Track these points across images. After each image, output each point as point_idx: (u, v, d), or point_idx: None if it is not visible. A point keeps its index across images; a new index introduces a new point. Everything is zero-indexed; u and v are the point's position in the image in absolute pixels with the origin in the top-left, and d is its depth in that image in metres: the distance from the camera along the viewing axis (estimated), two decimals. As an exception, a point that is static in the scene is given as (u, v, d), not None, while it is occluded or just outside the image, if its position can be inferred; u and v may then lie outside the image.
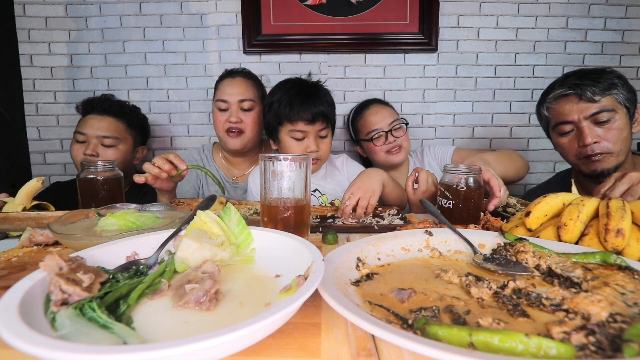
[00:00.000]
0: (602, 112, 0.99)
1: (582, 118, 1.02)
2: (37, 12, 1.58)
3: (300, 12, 1.56)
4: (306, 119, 1.12)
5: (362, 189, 0.87)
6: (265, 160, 0.61)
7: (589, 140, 1.01)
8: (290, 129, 1.14)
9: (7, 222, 0.73)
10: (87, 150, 1.29)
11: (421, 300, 0.39)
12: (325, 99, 1.16)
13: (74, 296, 0.34)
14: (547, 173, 1.71)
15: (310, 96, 1.13)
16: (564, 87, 1.04)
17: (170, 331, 0.32)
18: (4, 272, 0.52)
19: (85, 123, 1.33)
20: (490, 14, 1.59)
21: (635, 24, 1.60)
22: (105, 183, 0.90)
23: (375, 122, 1.38)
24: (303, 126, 1.13)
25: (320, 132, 1.16)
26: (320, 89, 1.18)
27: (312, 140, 1.15)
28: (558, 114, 1.07)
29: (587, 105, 1.00)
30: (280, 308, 0.29)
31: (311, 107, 1.12)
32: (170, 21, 1.60)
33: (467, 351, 0.25)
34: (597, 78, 1.00)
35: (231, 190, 1.43)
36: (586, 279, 0.42)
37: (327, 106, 1.15)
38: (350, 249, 0.50)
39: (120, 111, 1.38)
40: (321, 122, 1.14)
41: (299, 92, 1.14)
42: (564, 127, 1.06)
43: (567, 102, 1.04)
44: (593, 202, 0.59)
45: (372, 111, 1.41)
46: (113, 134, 1.34)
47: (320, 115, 1.13)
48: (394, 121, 1.37)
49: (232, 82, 1.32)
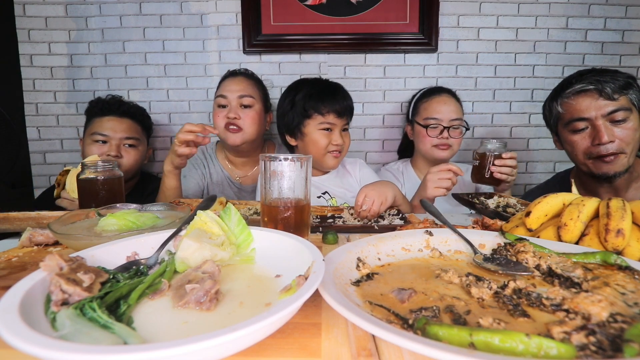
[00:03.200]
0: (619, 111, 0.99)
1: (600, 115, 1.00)
2: (37, 12, 1.58)
3: (300, 12, 1.56)
4: (337, 111, 1.17)
5: (377, 192, 0.87)
6: (265, 160, 0.61)
7: (606, 139, 0.99)
8: (321, 121, 1.18)
9: (7, 222, 0.73)
10: (111, 152, 1.32)
11: (421, 300, 0.39)
12: (347, 94, 1.23)
13: (74, 296, 0.34)
14: (547, 173, 1.70)
15: (338, 91, 1.21)
16: (583, 83, 1.02)
17: (171, 331, 0.32)
18: (4, 272, 0.52)
19: (105, 124, 1.34)
20: (490, 14, 1.59)
21: (635, 24, 1.60)
22: (105, 183, 0.90)
23: (438, 111, 1.35)
24: (333, 118, 1.18)
25: (345, 126, 1.22)
26: (342, 87, 1.25)
27: (337, 134, 1.20)
28: (574, 110, 1.05)
29: (606, 102, 0.99)
30: (280, 308, 0.29)
31: (341, 101, 1.18)
32: (170, 21, 1.60)
33: (467, 351, 0.25)
34: (614, 76, 1.00)
35: (236, 191, 1.43)
36: (586, 279, 0.42)
37: (350, 100, 1.23)
38: (351, 249, 0.50)
39: (136, 113, 1.43)
40: (347, 117, 1.21)
41: (326, 87, 1.21)
42: (578, 124, 1.04)
43: (586, 97, 1.02)
44: (593, 202, 0.59)
45: (441, 100, 1.38)
46: (134, 135, 1.38)
47: (348, 109, 1.20)
48: (456, 119, 1.34)
49: (233, 79, 1.33)
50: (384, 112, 1.67)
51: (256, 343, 0.31)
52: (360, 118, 1.66)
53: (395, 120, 1.67)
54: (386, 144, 1.70)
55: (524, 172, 1.71)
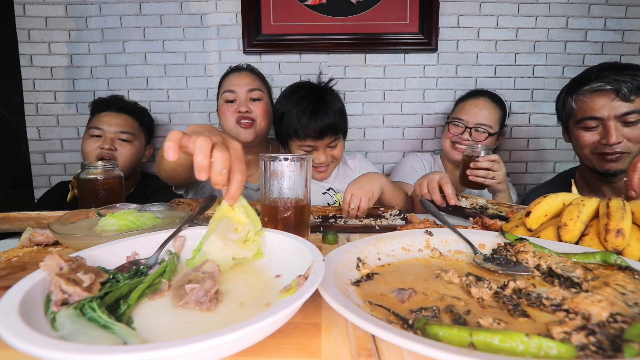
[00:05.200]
0: (633, 113, 0.98)
1: (612, 116, 1.00)
2: (37, 12, 1.58)
3: (300, 12, 1.56)
4: (314, 135, 1.12)
5: (363, 190, 0.88)
6: (265, 160, 0.61)
7: (614, 140, 0.99)
8: (299, 144, 1.16)
9: (7, 222, 0.73)
10: (104, 145, 1.31)
11: (421, 300, 0.39)
12: (333, 109, 1.14)
13: (74, 296, 0.34)
14: (547, 173, 1.70)
15: (317, 110, 1.12)
16: (602, 81, 1.01)
17: (171, 331, 0.32)
18: (4, 272, 0.52)
19: (101, 119, 1.35)
20: (490, 14, 1.59)
21: (635, 24, 1.60)
22: (105, 183, 0.90)
23: (467, 112, 1.33)
24: (311, 142, 1.15)
25: (329, 144, 1.17)
26: (328, 98, 1.16)
27: (320, 153, 1.17)
28: (587, 108, 1.04)
29: (620, 104, 0.99)
30: (280, 308, 0.29)
31: (318, 122, 1.11)
32: (170, 21, 1.60)
33: (467, 351, 0.25)
34: (633, 74, 0.99)
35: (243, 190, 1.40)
36: (586, 279, 0.42)
37: (335, 116, 1.14)
38: (351, 249, 0.50)
39: (133, 110, 1.43)
40: (330, 136, 1.14)
41: (306, 106, 1.12)
42: (590, 123, 1.04)
43: (601, 96, 1.01)
44: (593, 202, 0.59)
45: (475, 102, 1.35)
46: (129, 130, 1.38)
47: (327, 129, 1.12)
48: (483, 124, 1.31)
49: (238, 74, 1.30)
50: (384, 112, 1.67)
51: (256, 343, 0.31)
52: (360, 118, 1.66)
53: (395, 120, 1.67)
54: (386, 144, 1.70)
55: (524, 172, 1.71)
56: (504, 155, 1.69)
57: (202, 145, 0.45)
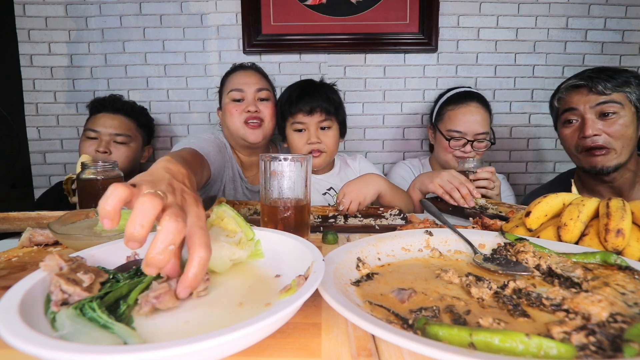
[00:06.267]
0: (608, 103, 1.00)
1: (588, 108, 1.02)
2: (37, 12, 1.58)
3: (300, 12, 1.56)
4: (304, 110, 1.16)
5: (355, 192, 0.90)
6: (265, 160, 0.61)
7: (589, 132, 1.01)
8: (292, 122, 1.19)
9: (7, 222, 0.73)
10: (99, 147, 1.31)
11: (421, 300, 0.39)
12: (327, 94, 1.20)
13: (74, 296, 0.33)
14: (547, 173, 1.71)
15: (310, 91, 1.18)
16: (577, 78, 1.05)
17: (171, 331, 0.32)
18: (4, 272, 0.52)
19: (97, 121, 1.34)
20: (490, 14, 1.59)
21: (635, 24, 1.60)
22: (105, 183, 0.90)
23: (463, 123, 1.27)
24: (302, 117, 1.17)
25: (321, 124, 1.19)
26: (324, 87, 1.23)
27: (312, 132, 1.18)
28: (565, 103, 1.08)
29: (596, 97, 1.01)
30: (280, 308, 0.29)
31: (308, 100, 1.16)
32: (170, 21, 1.60)
33: (467, 351, 0.25)
34: (612, 75, 1.01)
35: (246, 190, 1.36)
36: (586, 279, 0.42)
37: (328, 100, 1.19)
38: (351, 249, 0.50)
39: (130, 111, 1.41)
40: (320, 114, 1.17)
41: (301, 88, 1.20)
42: (569, 115, 1.07)
43: (576, 93, 1.05)
44: (593, 202, 0.59)
45: (467, 110, 1.28)
46: (125, 132, 1.36)
47: (318, 107, 1.17)
48: (482, 133, 1.26)
49: (245, 72, 1.27)
50: (384, 112, 1.67)
51: (256, 343, 0.31)
52: (360, 118, 1.66)
53: (395, 120, 1.67)
54: (386, 144, 1.70)
55: (524, 172, 1.71)
56: (504, 155, 1.69)
57: (145, 209, 0.33)
